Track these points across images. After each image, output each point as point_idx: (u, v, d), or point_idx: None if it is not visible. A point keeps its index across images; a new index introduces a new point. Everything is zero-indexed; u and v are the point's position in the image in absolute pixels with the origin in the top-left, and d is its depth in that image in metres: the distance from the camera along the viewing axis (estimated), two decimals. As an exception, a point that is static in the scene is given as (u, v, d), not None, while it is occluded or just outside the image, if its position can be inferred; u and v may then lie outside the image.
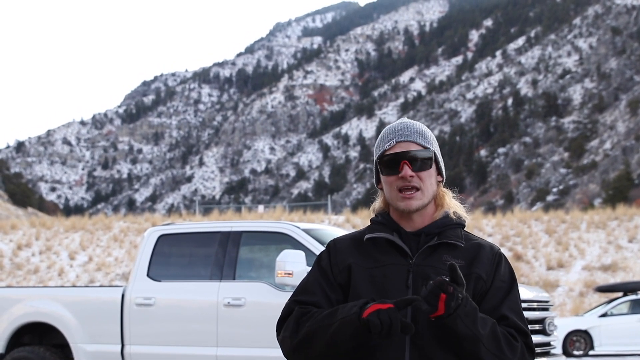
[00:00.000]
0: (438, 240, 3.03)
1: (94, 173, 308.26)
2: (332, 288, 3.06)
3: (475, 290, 2.99)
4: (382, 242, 3.07)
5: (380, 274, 3.00)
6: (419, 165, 3.03)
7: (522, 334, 2.99)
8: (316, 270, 3.13)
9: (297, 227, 9.77)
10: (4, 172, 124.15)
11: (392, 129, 3.12)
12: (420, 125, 3.12)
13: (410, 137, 3.06)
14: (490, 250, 3.08)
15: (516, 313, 3.02)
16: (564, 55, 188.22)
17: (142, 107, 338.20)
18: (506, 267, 3.09)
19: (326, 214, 48.29)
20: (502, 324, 2.97)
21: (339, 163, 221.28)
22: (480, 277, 3.00)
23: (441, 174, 3.15)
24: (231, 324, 9.49)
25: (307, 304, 3.03)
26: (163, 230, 10.48)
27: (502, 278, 3.05)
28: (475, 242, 3.10)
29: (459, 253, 3.04)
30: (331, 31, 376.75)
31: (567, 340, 23.54)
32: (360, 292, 2.99)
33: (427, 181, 3.05)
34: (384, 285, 2.98)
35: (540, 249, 36.88)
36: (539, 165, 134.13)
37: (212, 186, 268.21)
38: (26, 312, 10.62)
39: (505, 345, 2.90)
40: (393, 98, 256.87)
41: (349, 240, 3.16)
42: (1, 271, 35.78)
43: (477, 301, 2.99)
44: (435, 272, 2.96)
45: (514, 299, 3.05)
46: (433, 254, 3.02)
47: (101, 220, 44.34)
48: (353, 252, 3.09)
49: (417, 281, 2.96)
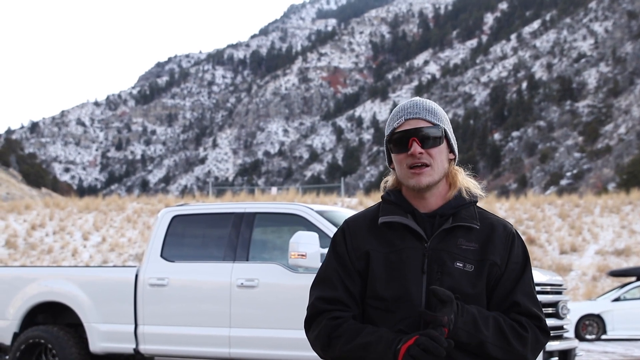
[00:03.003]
0: (453, 223, 3.02)
1: (107, 154, 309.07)
2: (352, 279, 3.06)
3: (489, 277, 2.99)
4: (397, 225, 3.05)
5: (396, 259, 3.00)
6: (428, 142, 3.00)
7: (534, 318, 2.99)
8: (333, 258, 3.12)
9: (311, 209, 9.75)
10: (18, 152, 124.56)
11: (402, 107, 3.10)
12: (429, 103, 3.10)
13: (419, 114, 3.04)
14: (503, 231, 3.07)
15: (528, 296, 3.02)
16: (579, 39, 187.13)
17: (155, 89, 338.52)
18: (519, 246, 3.08)
19: (339, 196, 48.27)
20: (514, 312, 2.98)
21: (352, 145, 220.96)
22: (494, 264, 2.99)
23: (453, 152, 3.12)
24: (244, 305, 9.50)
25: (330, 301, 3.04)
26: (177, 211, 10.48)
27: (516, 259, 3.05)
28: (489, 222, 3.08)
29: (474, 236, 3.03)
30: (345, 13, 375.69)
31: (579, 325, 23.52)
32: (378, 279, 3.00)
33: (437, 157, 3.02)
34: (401, 272, 2.98)
35: (554, 233, 36.81)
36: (552, 150, 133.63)
37: (225, 168, 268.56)
38: (40, 291, 10.65)
39: (514, 338, 2.91)
40: (407, 81, 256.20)
41: (363, 222, 3.14)
42: (15, 251, 35.94)
43: (491, 286, 2.99)
44: (450, 257, 2.96)
45: (527, 281, 3.04)
46: (448, 236, 3.01)
47: (115, 201, 44.42)
48: (369, 236, 3.08)
49: (432, 266, 2.96)
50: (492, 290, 3.00)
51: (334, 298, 3.04)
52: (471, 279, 2.96)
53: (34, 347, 10.52)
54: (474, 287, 2.96)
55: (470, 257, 2.98)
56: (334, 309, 3.02)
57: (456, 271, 2.95)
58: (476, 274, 2.97)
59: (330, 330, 2.98)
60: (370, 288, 3.02)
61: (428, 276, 2.95)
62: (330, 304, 3.03)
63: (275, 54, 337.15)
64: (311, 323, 3.07)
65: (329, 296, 3.05)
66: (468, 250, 2.99)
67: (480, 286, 2.97)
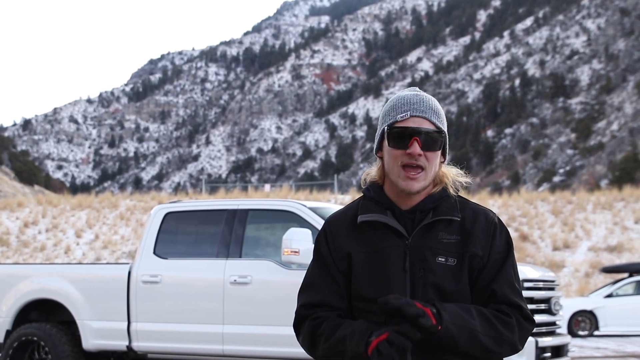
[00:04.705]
0: (433, 218, 2.95)
1: (100, 151, 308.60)
2: (336, 280, 3.03)
3: (471, 268, 2.93)
4: (377, 223, 2.99)
5: (378, 259, 2.95)
6: (429, 146, 2.93)
7: (514, 307, 2.94)
8: (316, 260, 3.10)
9: (304, 206, 9.75)
10: (10, 149, 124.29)
11: (407, 100, 3.02)
12: (435, 102, 3.04)
13: (426, 113, 2.97)
14: (485, 221, 3.00)
15: (509, 285, 2.95)
16: (572, 35, 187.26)
17: (149, 86, 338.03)
18: (502, 236, 3.01)
19: (332, 193, 48.25)
20: (493, 301, 2.93)
21: (345, 143, 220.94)
22: (475, 255, 2.93)
23: (444, 155, 3.04)
24: (237, 301, 9.52)
25: (314, 306, 3.03)
26: (170, 208, 10.48)
27: (498, 249, 2.98)
28: (471, 212, 3.01)
29: (454, 228, 2.96)
30: (339, 10, 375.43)
31: (572, 321, 23.59)
32: (360, 280, 2.97)
33: (432, 162, 2.95)
34: (383, 272, 2.94)
35: (547, 229, 36.88)
36: (545, 146, 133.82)
37: (218, 165, 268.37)
38: (33, 289, 10.65)
39: (501, 325, 2.87)
40: (400, 78, 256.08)
41: (344, 220, 3.08)
42: (8, 248, 35.90)
43: (474, 277, 2.94)
44: (431, 253, 2.92)
45: (508, 270, 2.97)
46: (429, 231, 2.96)
47: (107, 198, 44.38)
48: (349, 236, 3.02)
49: (414, 264, 2.91)
50: (474, 281, 2.94)
51: (317, 302, 3.02)
52: (454, 273, 2.91)
53: (27, 345, 10.52)
54: (457, 281, 2.91)
55: (452, 251, 2.93)
56: (317, 311, 3.01)
57: (439, 267, 2.90)
58: (459, 267, 2.92)
59: (312, 330, 2.98)
60: (354, 289, 2.99)
61: (410, 275, 2.91)
62: (314, 309, 3.02)
63: (268, 51, 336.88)
64: (299, 330, 3.07)
65: (313, 301, 3.03)
66: (450, 243, 2.94)
67: (464, 280, 2.92)
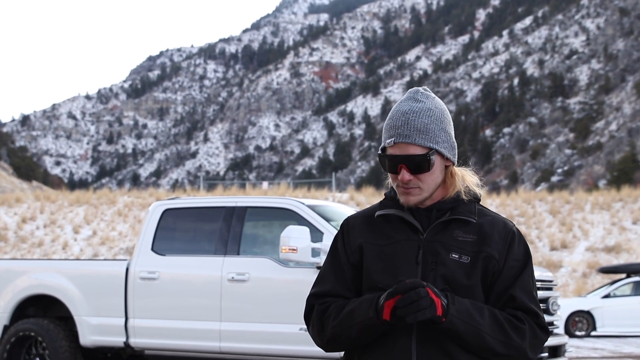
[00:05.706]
0: (450, 216, 2.99)
1: (98, 147, 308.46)
2: (344, 271, 3.07)
3: (486, 270, 2.94)
4: (393, 219, 3.04)
5: (390, 251, 2.98)
6: (417, 169, 2.95)
7: (531, 314, 2.94)
8: (331, 255, 3.14)
9: (302, 203, 9.76)
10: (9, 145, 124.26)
11: (394, 123, 2.99)
12: (422, 118, 2.98)
13: (410, 137, 2.94)
14: (503, 227, 3.01)
15: (526, 293, 2.96)
16: (571, 35, 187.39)
17: (147, 82, 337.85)
18: (520, 244, 3.02)
19: (330, 191, 48.27)
20: (510, 306, 2.93)
21: (343, 141, 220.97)
22: (491, 257, 2.94)
23: (450, 159, 3.04)
24: (235, 299, 9.52)
25: (322, 296, 3.06)
26: (168, 205, 10.48)
27: (516, 257, 2.99)
28: (489, 218, 3.04)
29: (471, 229, 2.98)
30: (338, 8, 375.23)
31: (569, 321, 23.61)
32: (372, 270, 2.99)
33: (427, 179, 2.97)
34: (394, 262, 2.96)
35: (544, 229, 36.90)
36: (544, 146, 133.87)
37: (216, 162, 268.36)
38: (30, 284, 10.64)
39: (511, 330, 2.87)
40: (399, 76, 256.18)
41: (361, 218, 3.14)
42: (5, 244, 35.89)
43: (489, 281, 2.95)
44: (445, 249, 2.94)
45: (526, 278, 2.98)
46: (445, 230, 2.98)
47: (105, 194, 44.38)
48: (365, 230, 3.07)
49: (426, 257, 2.94)
50: (490, 286, 2.95)
51: (325, 292, 3.05)
52: (467, 270, 2.92)
53: (24, 340, 10.52)
54: (469, 278, 2.92)
55: (467, 249, 2.94)
56: (325, 300, 3.04)
57: (451, 262, 2.92)
58: (472, 265, 2.92)
59: (320, 313, 3.01)
60: (365, 280, 3.01)
61: (422, 267, 2.93)
62: (323, 297, 3.05)
63: (267, 49, 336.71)
64: (308, 319, 3.10)
65: (321, 291, 3.06)
66: (465, 241, 2.95)
67: (475, 278, 2.92)
